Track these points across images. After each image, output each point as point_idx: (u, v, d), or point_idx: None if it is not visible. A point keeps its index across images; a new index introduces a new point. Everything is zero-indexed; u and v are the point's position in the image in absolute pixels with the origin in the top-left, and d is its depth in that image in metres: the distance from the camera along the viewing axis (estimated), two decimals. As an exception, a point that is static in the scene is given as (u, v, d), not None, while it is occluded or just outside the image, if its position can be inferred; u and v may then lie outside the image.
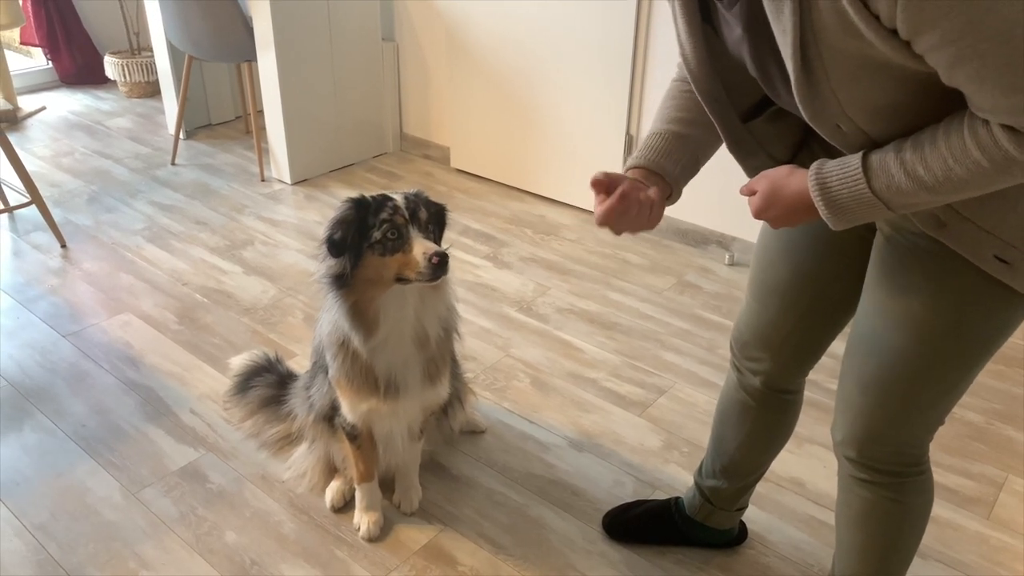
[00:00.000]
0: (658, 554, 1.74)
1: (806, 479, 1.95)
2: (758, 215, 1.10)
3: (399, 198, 1.49)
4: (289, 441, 1.98)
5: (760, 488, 1.90)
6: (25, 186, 2.88)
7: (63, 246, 2.96)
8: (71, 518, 1.81)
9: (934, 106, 0.93)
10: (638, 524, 1.78)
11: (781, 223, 1.10)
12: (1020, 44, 0.79)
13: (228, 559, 1.72)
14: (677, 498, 1.77)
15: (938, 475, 1.96)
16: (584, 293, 2.74)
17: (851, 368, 1.22)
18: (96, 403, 2.16)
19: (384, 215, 1.45)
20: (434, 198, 1.56)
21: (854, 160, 0.98)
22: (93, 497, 1.86)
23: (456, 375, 1.85)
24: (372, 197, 1.50)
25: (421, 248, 1.44)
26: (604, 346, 2.45)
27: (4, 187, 3.13)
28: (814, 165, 1.02)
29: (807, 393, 2.18)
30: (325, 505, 1.85)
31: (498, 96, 3.37)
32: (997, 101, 0.84)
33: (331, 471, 1.88)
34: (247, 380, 2.05)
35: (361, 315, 1.50)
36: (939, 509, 1.86)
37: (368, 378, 1.58)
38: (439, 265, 1.43)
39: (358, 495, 1.80)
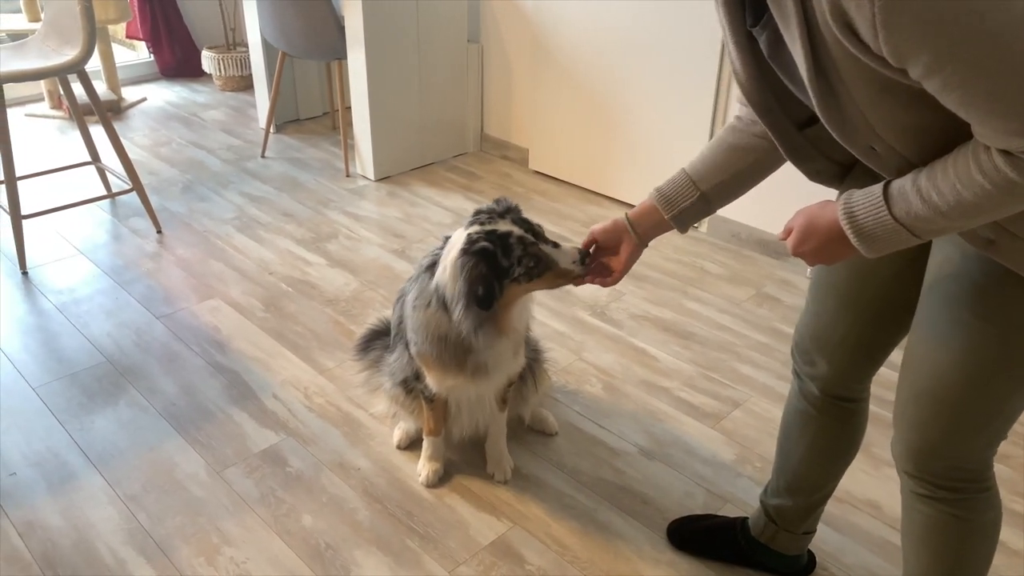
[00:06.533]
0: (727, 568, 1.73)
1: (883, 502, 1.90)
2: (796, 249, 1.13)
3: (511, 227, 1.52)
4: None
5: (835, 509, 1.86)
6: (127, 173, 3.03)
7: (159, 232, 3.11)
8: (161, 491, 1.90)
9: (962, 125, 0.93)
10: (701, 538, 1.77)
11: (819, 258, 1.12)
12: (994, 74, 0.82)
13: (304, 541, 1.78)
14: (744, 518, 1.75)
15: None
16: (659, 300, 2.73)
17: (905, 377, 1.22)
18: (185, 383, 2.27)
19: (517, 253, 1.51)
20: (511, 199, 1.62)
21: (877, 189, 1.01)
22: (181, 473, 1.96)
23: (527, 340, 1.94)
24: (488, 240, 1.50)
25: (567, 259, 1.51)
26: (679, 355, 2.44)
27: (108, 174, 3.30)
28: (843, 195, 1.05)
29: (882, 412, 2.14)
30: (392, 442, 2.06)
31: (579, 99, 3.38)
32: (985, 126, 0.87)
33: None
34: (369, 342, 2.16)
35: (499, 330, 1.61)
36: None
37: (459, 362, 1.67)
38: (588, 259, 1.52)
39: (424, 446, 1.95)
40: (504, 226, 1.52)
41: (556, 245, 1.55)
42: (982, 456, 1.21)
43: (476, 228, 1.53)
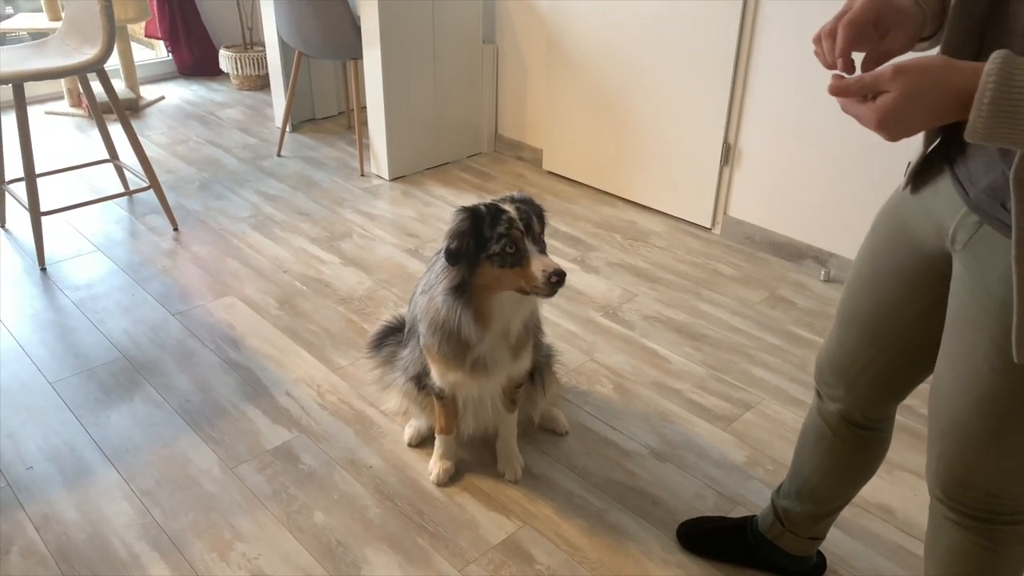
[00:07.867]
0: (736, 570, 1.73)
1: (896, 507, 1.89)
2: (891, 111, 0.89)
3: (512, 209, 1.54)
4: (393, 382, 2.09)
5: (847, 512, 1.86)
6: (145, 171, 3.06)
7: (175, 229, 3.14)
8: (174, 486, 1.92)
9: None
10: (711, 539, 1.77)
11: (912, 127, 0.90)
12: None
13: (315, 538, 1.79)
14: (753, 516, 1.75)
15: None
16: (672, 302, 2.72)
17: (931, 412, 1.19)
18: (200, 380, 2.29)
19: (501, 229, 1.51)
20: (536, 200, 1.63)
21: None
22: (195, 469, 1.98)
23: (539, 345, 1.94)
24: (485, 206, 1.55)
25: (540, 265, 1.49)
26: (690, 357, 2.44)
27: (125, 172, 3.33)
28: (1001, 52, 0.84)
29: (899, 418, 2.12)
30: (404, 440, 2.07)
31: (594, 100, 3.38)
32: None
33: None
34: (382, 339, 2.16)
35: (476, 316, 1.60)
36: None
37: (458, 355, 1.68)
38: (557, 283, 1.49)
39: (436, 444, 1.96)
40: (505, 205, 1.56)
41: (543, 252, 1.55)
42: (1015, 491, 1.17)
43: (487, 201, 1.59)
